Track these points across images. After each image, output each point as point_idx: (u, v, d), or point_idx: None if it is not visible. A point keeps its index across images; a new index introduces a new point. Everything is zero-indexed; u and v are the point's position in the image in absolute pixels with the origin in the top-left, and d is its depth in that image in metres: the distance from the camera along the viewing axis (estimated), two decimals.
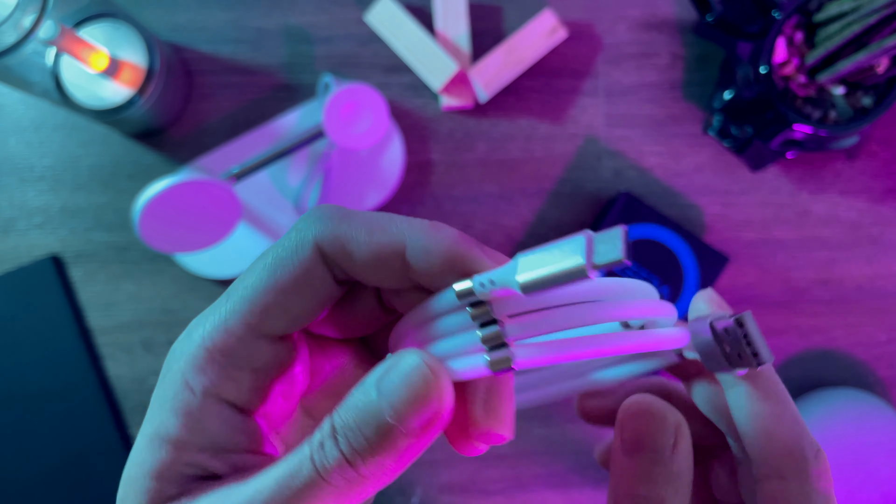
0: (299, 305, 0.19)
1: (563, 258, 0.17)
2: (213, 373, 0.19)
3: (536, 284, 0.17)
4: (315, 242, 0.19)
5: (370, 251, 0.19)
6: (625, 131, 0.53)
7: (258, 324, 0.19)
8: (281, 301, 0.19)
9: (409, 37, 0.51)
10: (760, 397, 0.21)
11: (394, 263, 0.19)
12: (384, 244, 0.19)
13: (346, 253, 0.19)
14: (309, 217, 0.20)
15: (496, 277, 0.18)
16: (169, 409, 0.19)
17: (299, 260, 0.19)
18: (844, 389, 0.51)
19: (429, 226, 0.19)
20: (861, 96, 0.47)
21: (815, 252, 0.53)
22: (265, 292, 0.19)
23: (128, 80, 0.46)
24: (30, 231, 0.52)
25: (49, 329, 0.51)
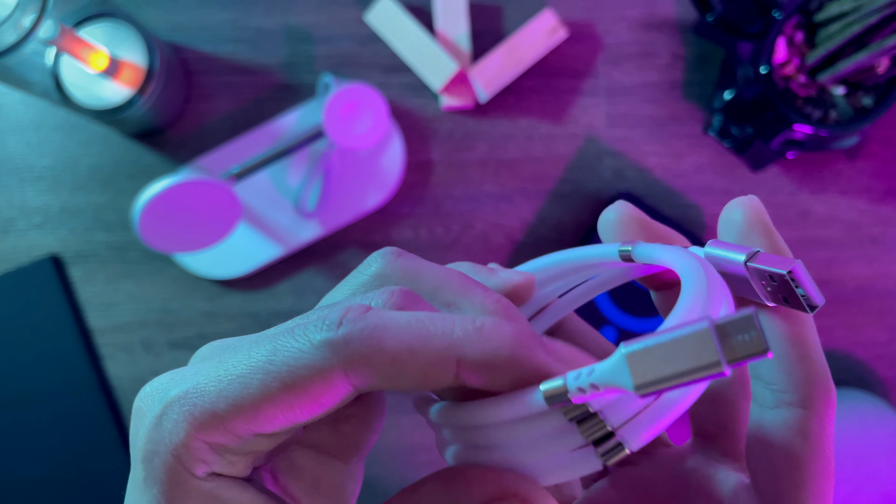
0: (309, 416, 0.17)
1: (688, 354, 0.14)
2: (211, 459, 0.17)
3: (656, 385, 0.15)
4: (341, 371, 0.17)
5: (414, 376, 0.17)
6: (625, 131, 0.53)
7: (259, 430, 0.17)
8: (289, 415, 0.17)
9: (410, 37, 0.51)
10: (798, 321, 0.20)
11: (442, 379, 0.17)
12: (432, 364, 0.17)
13: (383, 380, 0.17)
14: (331, 331, 0.17)
15: (600, 379, 0.15)
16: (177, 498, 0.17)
17: (322, 386, 0.17)
18: (845, 390, 0.51)
19: (482, 329, 0.17)
20: (861, 96, 0.47)
21: (816, 252, 0.53)
22: (272, 406, 0.17)
23: (127, 80, 0.46)
24: (29, 231, 0.52)
25: (48, 329, 0.51)
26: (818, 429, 0.20)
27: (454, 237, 0.53)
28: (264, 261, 0.51)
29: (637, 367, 0.15)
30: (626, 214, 0.22)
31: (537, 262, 0.23)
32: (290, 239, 0.51)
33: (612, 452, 0.16)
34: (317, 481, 0.21)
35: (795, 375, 0.20)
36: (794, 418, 0.20)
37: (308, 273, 0.53)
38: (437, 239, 0.53)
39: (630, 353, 0.15)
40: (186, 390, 0.17)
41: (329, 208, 0.51)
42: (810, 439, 0.20)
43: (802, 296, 0.18)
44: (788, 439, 0.20)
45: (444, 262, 0.61)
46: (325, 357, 0.16)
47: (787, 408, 0.20)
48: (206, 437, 0.17)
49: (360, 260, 0.20)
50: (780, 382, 0.20)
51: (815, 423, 0.20)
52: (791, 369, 0.20)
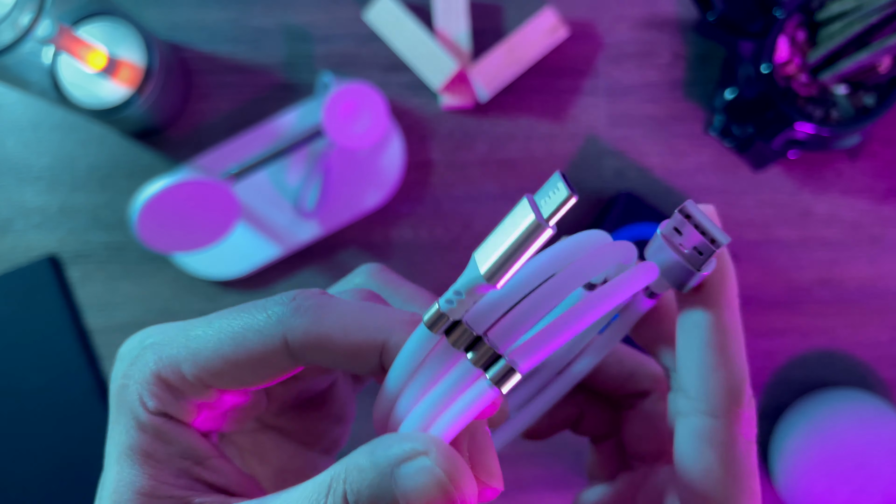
0: (254, 380, 0.20)
1: (514, 227, 0.16)
2: (164, 396, 0.20)
3: (500, 266, 0.16)
4: (284, 338, 0.19)
5: (344, 352, 0.19)
6: (626, 131, 0.53)
7: (208, 381, 0.19)
8: (234, 373, 0.19)
9: (409, 36, 0.51)
10: (714, 327, 0.20)
11: (370, 360, 0.19)
12: (360, 344, 0.19)
13: (317, 351, 0.19)
14: (283, 305, 0.19)
15: (459, 286, 0.16)
16: (135, 428, 0.20)
17: (263, 345, 0.19)
18: (846, 390, 0.51)
19: (411, 322, 0.19)
20: (863, 96, 0.47)
21: (817, 252, 0.53)
22: (222, 359, 0.19)
23: (126, 80, 0.46)
24: (27, 231, 0.52)
25: (47, 330, 0.51)
26: (723, 436, 0.20)
27: (454, 237, 0.53)
28: (263, 261, 0.51)
29: (483, 260, 0.16)
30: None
31: None
32: (288, 239, 0.51)
33: (503, 376, 0.16)
34: (283, 468, 0.23)
35: (708, 384, 0.20)
36: (702, 426, 0.20)
37: (307, 273, 0.52)
38: (437, 239, 0.53)
39: (478, 251, 0.16)
40: (160, 340, 0.20)
41: (328, 208, 0.51)
42: (717, 448, 0.20)
43: (704, 234, 0.19)
44: (698, 448, 0.20)
45: (444, 262, 0.60)
46: (272, 324, 0.19)
47: (696, 416, 0.20)
48: (166, 377, 0.19)
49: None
50: (692, 390, 0.20)
51: (721, 430, 0.20)
52: (703, 377, 0.20)
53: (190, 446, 0.20)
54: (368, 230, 0.52)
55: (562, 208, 0.16)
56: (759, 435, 0.55)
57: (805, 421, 0.49)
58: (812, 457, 0.48)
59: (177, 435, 0.20)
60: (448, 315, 0.17)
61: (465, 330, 0.17)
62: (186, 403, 0.20)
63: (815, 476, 0.47)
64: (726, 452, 0.20)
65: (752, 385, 0.58)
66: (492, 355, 0.17)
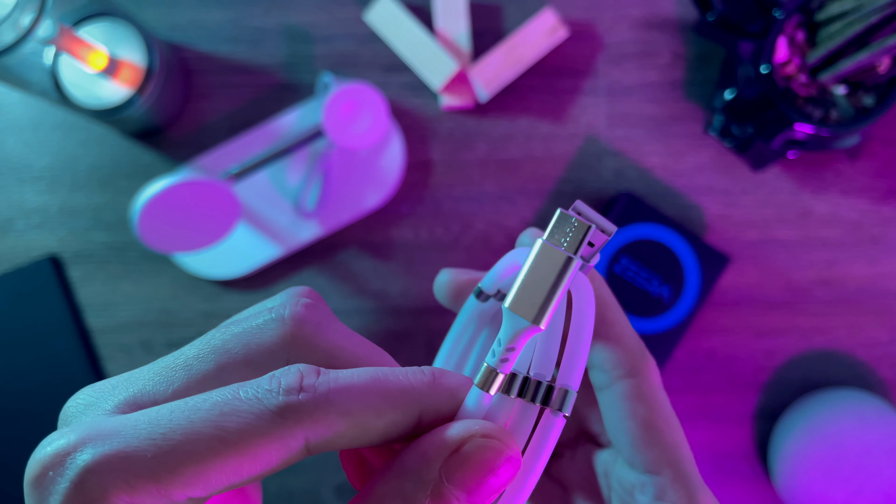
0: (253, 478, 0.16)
1: (546, 269, 0.17)
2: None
3: (544, 308, 0.17)
4: (303, 434, 0.16)
5: (377, 434, 0.17)
6: (625, 131, 0.53)
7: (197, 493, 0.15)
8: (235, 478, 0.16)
9: (409, 36, 0.51)
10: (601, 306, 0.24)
11: (404, 432, 0.17)
12: (395, 421, 0.17)
13: (344, 440, 0.16)
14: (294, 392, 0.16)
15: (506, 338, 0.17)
16: None
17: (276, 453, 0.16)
18: (846, 390, 0.51)
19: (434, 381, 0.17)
20: (863, 96, 0.47)
21: (817, 252, 0.53)
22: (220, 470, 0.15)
23: (127, 80, 0.46)
24: (28, 231, 0.52)
25: (48, 330, 0.51)
26: (646, 388, 0.24)
27: (454, 237, 0.53)
28: (263, 261, 0.51)
29: (521, 308, 0.17)
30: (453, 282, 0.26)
31: None
32: (289, 239, 0.51)
33: (565, 400, 0.18)
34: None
35: (617, 354, 0.24)
36: (627, 387, 0.24)
37: (307, 273, 0.52)
38: (437, 239, 0.53)
39: (510, 303, 0.17)
40: (113, 454, 0.15)
41: (328, 208, 0.51)
42: (647, 399, 0.24)
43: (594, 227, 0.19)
44: (630, 405, 0.24)
45: (445, 262, 0.60)
46: (287, 425, 0.16)
47: (620, 381, 0.24)
48: (134, 500, 0.15)
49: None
50: (608, 365, 0.24)
51: (643, 384, 0.24)
52: (610, 349, 0.24)
53: None
54: (368, 230, 0.52)
55: (584, 239, 0.17)
56: (759, 435, 0.55)
57: (805, 421, 0.49)
58: (812, 457, 0.48)
59: None
60: (497, 370, 0.17)
61: (537, 383, 0.18)
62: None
63: (815, 476, 0.47)
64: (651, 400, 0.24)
65: (752, 385, 0.58)
66: (547, 388, 0.18)
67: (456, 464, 0.16)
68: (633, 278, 0.49)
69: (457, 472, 0.16)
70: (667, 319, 0.50)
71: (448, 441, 0.16)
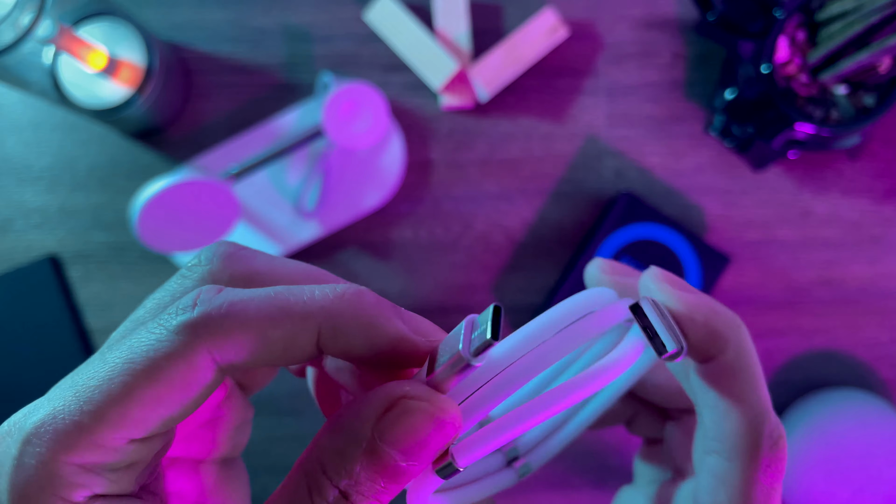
0: (180, 411, 0.16)
1: (448, 349, 0.17)
2: (88, 481, 0.16)
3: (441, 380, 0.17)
4: (204, 347, 0.16)
5: (277, 347, 0.16)
6: (626, 131, 0.53)
7: (131, 434, 0.16)
8: (160, 412, 0.16)
9: (409, 36, 0.51)
10: (726, 368, 0.20)
11: (304, 347, 0.17)
12: (292, 332, 0.16)
13: (245, 353, 0.16)
14: (188, 309, 0.16)
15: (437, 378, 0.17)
16: None
17: (183, 368, 0.16)
18: (846, 390, 0.51)
19: (343, 296, 0.17)
20: (863, 96, 0.47)
21: (817, 252, 0.53)
22: (139, 402, 0.16)
23: (126, 80, 0.46)
24: (28, 231, 0.52)
25: (47, 330, 0.51)
26: (738, 481, 0.19)
27: (454, 237, 0.53)
28: None
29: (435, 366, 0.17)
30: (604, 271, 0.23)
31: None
32: (289, 239, 0.51)
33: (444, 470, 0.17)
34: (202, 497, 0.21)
35: (722, 426, 0.20)
36: (718, 468, 0.20)
37: None
38: (437, 239, 0.53)
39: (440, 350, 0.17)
40: (43, 418, 0.16)
41: (328, 208, 0.51)
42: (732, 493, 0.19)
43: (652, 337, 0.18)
44: (714, 488, 0.20)
45: (445, 262, 0.60)
46: (187, 340, 0.16)
47: (714, 456, 0.20)
48: (78, 458, 0.15)
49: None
50: (710, 430, 0.20)
51: (737, 475, 0.19)
52: (717, 418, 0.20)
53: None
54: (368, 230, 0.52)
55: (482, 351, 0.16)
56: None
57: (805, 421, 0.49)
58: (812, 457, 0.48)
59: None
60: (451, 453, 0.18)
61: None
62: (114, 473, 0.16)
63: (816, 476, 0.47)
64: (741, 499, 0.19)
65: None
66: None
67: (387, 424, 0.16)
68: None
69: (388, 431, 0.16)
70: None
71: (380, 400, 0.16)
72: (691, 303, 0.19)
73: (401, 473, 0.16)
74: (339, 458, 0.16)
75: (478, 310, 0.52)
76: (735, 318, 0.20)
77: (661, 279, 0.20)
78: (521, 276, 0.53)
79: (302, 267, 0.19)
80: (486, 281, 0.53)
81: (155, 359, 0.16)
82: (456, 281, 0.52)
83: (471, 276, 0.53)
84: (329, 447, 0.16)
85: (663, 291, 0.20)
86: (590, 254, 0.49)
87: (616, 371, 0.18)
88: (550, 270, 0.53)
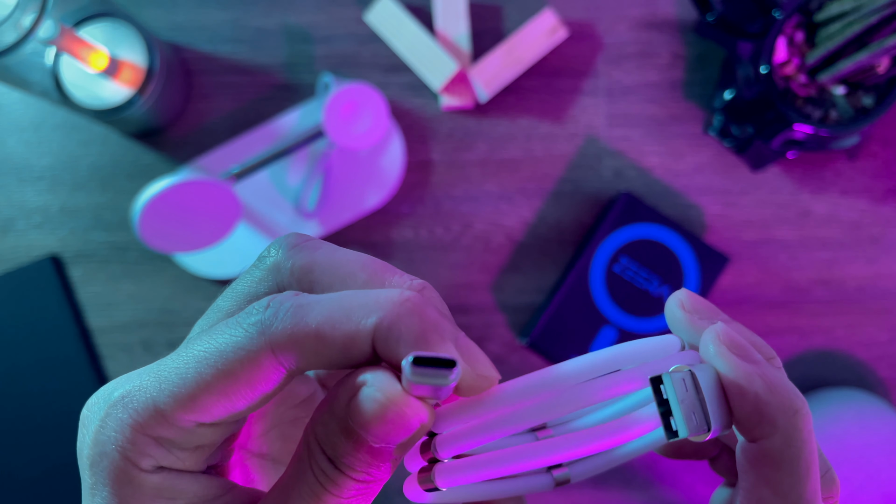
0: (245, 404, 0.18)
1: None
2: (156, 452, 0.18)
3: None
4: (269, 346, 0.17)
5: (336, 344, 0.17)
6: (625, 131, 0.53)
7: (198, 418, 0.18)
8: (223, 400, 0.17)
9: (409, 36, 0.51)
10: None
11: (362, 347, 0.17)
12: (350, 333, 0.17)
13: (307, 355, 0.17)
14: (259, 314, 0.17)
15: None
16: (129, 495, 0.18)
17: (250, 365, 0.17)
18: (845, 390, 0.51)
19: (405, 302, 0.17)
20: (862, 96, 0.47)
21: (816, 252, 0.53)
22: (207, 391, 0.17)
23: (127, 80, 0.46)
24: (29, 231, 0.52)
25: (48, 329, 0.51)
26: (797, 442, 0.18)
27: (454, 237, 0.53)
28: None
29: None
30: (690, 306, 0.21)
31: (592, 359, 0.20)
32: None
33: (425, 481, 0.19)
34: None
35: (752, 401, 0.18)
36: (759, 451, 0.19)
37: None
38: (437, 239, 0.53)
39: None
40: (128, 390, 0.18)
41: (329, 208, 0.51)
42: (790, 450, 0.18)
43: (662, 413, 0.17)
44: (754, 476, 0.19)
45: (445, 262, 0.60)
46: (253, 338, 0.17)
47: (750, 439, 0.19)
48: (150, 430, 0.17)
49: None
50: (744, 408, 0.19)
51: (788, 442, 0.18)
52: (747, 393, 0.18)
53: (195, 495, 0.18)
54: (369, 230, 0.53)
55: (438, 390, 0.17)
56: None
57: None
58: None
59: (179, 487, 0.18)
60: None
61: None
62: (181, 451, 0.18)
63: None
64: None
65: None
66: (430, 460, 0.18)
67: (354, 408, 0.17)
68: (633, 278, 0.50)
69: (356, 415, 0.17)
70: None
71: (352, 384, 0.17)
72: (746, 374, 0.18)
73: (378, 451, 0.17)
74: (325, 432, 0.17)
75: (478, 309, 0.53)
76: (795, 401, 0.18)
77: (724, 341, 0.19)
78: (521, 276, 0.53)
79: (361, 258, 0.19)
80: (486, 281, 0.53)
81: (225, 353, 0.17)
82: (456, 281, 0.53)
83: (471, 276, 0.53)
84: (320, 420, 0.17)
85: (720, 356, 0.18)
86: (589, 254, 0.49)
87: (621, 438, 0.18)
88: (550, 270, 0.53)
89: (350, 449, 0.17)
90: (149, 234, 0.45)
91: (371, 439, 0.17)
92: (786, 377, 0.19)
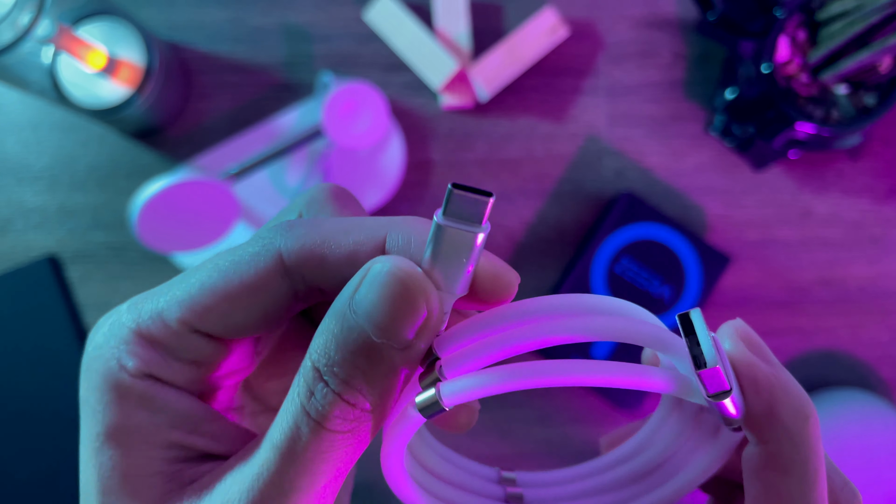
0: (245, 315, 0.17)
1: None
2: (147, 356, 0.17)
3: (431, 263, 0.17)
4: (279, 253, 0.17)
5: (348, 250, 0.17)
6: (626, 131, 0.53)
7: (196, 322, 0.17)
8: (225, 307, 0.17)
9: (409, 35, 0.51)
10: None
11: (365, 257, 0.17)
12: (362, 241, 0.17)
13: (317, 259, 0.17)
14: (275, 227, 0.18)
15: None
16: (112, 401, 0.17)
17: (256, 269, 0.17)
18: (847, 390, 0.51)
19: (404, 219, 0.18)
20: (864, 95, 0.47)
21: (818, 252, 0.53)
22: (210, 293, 0.17)
23: (126, 79, 0.46)
24: (27, 231, 0.52)
25: (46, 330, 0.51)
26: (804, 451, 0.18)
27: None
28: None
29: None
30: None
31: None
32: None
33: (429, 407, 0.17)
34: None
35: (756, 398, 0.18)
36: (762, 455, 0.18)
37: None
38: None
39: None
40: (139, 296, 0.18)
41: None
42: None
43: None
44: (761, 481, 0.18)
45: None
46: (265, 245, 0.17)
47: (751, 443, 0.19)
48: (145, 329, 0.17)
49: None
50: None
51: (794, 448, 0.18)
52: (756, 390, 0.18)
53: (180, 412, 0.18)
54: None
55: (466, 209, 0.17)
56: None
57: None
58: None
59: (165, 400, 0.17)
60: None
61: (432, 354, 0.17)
62: (174, 361, 0.18)
63: None
64: None
65: None
66: (433, 379, 0.17)
67: (360, 293, 0.16)
68: (634, 278, 0.49)
69: (361, 301, 0.16)
70: (667, 320, 0.49)
71: (359, 272, 0.17)
72: (763, 372, 0.18)
73: (375, 352, 0.16)
74: (319, 337, 0.16)
75: None
76: (806, 407, 0.18)
77: (742, 337, 0.18)
78: (522, 276, 0.53)
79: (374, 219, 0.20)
80: None
81: (236, 258, 0.17)
82: None
83: None
84: (316, 330, 0.17)
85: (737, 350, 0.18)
86: (590, 254, 0.49)
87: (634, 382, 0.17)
88: (550, 270, 0.53)
89: (345, 353, 0.16)
90: (147, 234, 0.45)
91: (374, 328, 0.16)
92: (797, 383, 0.18)
